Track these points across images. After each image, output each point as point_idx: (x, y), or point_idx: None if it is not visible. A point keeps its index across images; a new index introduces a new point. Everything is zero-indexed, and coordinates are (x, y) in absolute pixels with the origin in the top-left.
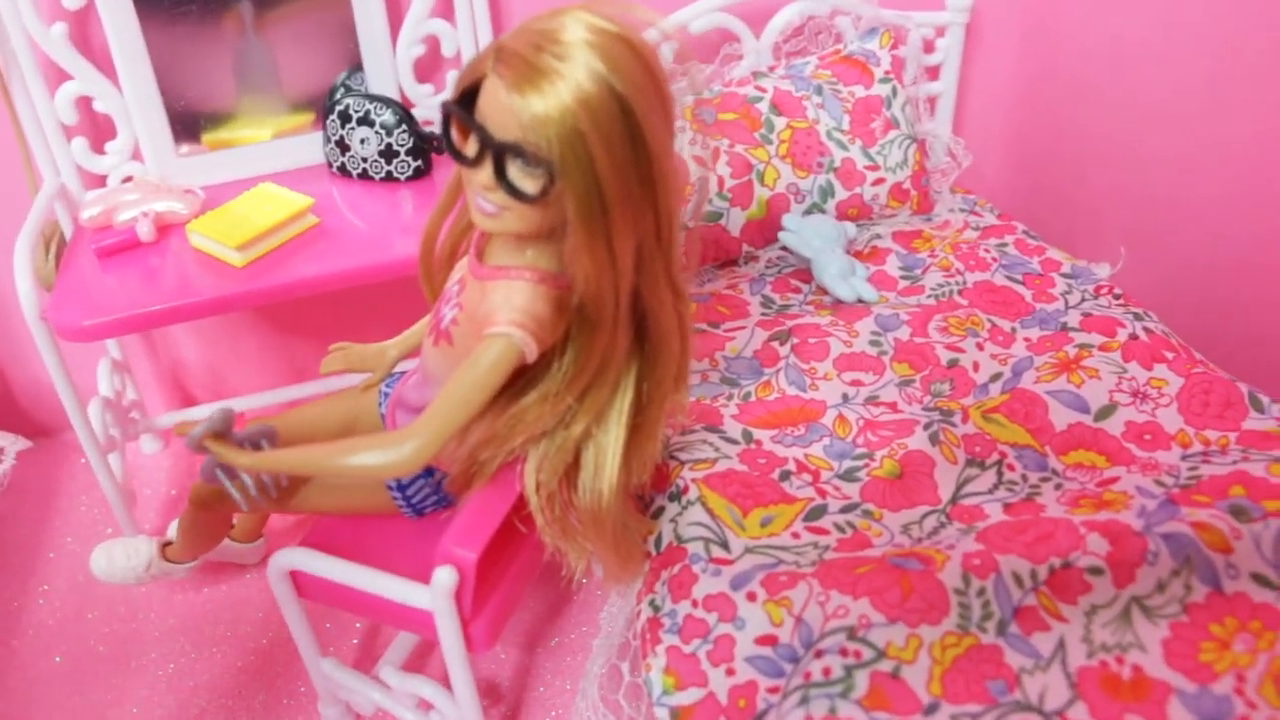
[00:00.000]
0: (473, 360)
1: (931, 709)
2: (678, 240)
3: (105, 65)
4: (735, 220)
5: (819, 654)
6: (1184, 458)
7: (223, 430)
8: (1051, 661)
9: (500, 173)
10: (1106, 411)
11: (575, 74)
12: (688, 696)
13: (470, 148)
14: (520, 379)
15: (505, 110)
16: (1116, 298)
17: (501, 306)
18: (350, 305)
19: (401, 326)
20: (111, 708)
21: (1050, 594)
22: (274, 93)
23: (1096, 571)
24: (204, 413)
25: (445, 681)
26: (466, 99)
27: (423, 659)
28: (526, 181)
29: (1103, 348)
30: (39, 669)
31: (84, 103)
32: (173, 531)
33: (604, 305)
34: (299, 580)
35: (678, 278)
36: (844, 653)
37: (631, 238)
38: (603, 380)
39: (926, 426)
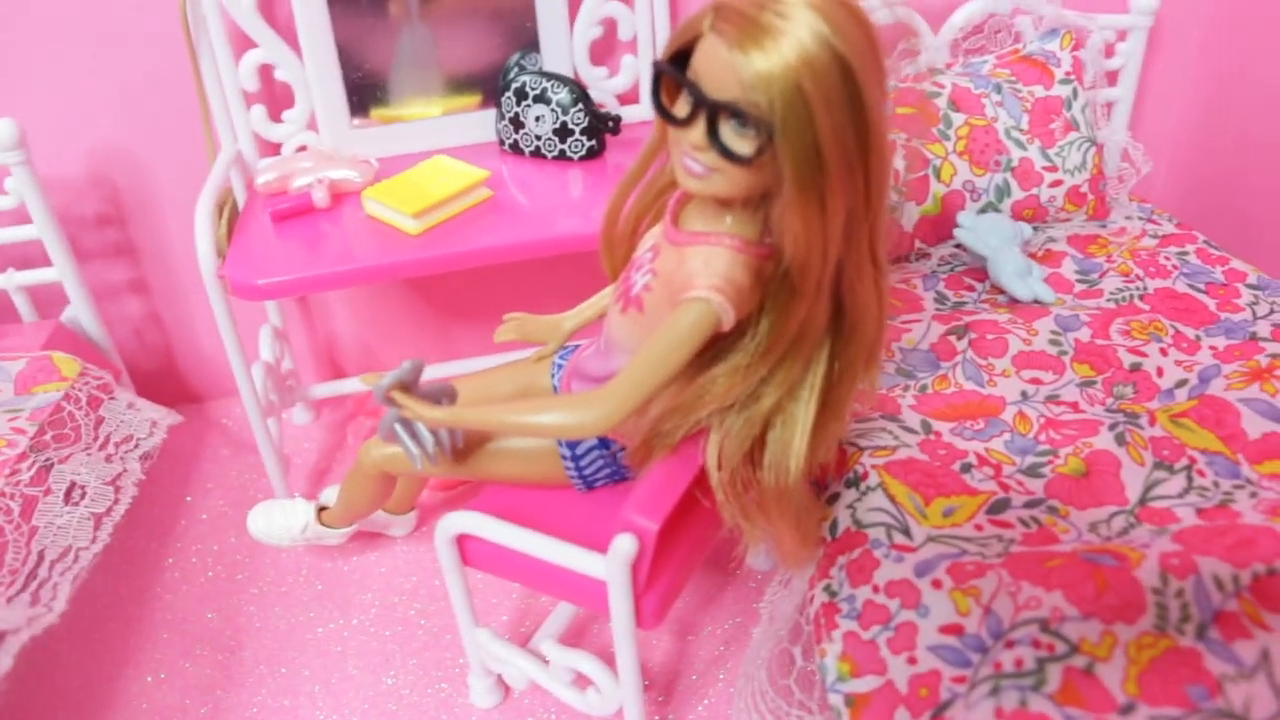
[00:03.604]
0: (669, 325)
1: (1128, 709)
2: (885, 211)
3: (288, 36)
4: (909, 215)
5: (1010, 644)
6: None
7: (410, 383)
8: (1256, 671)
9: (714, 133)
10: None
11: (798, 32)
12: (864, 684)
13: (681, 107)
14: (709, 350)
15: (725, 68)
16: None
17: (700, 271)
18: (504, 284)
19: (555, 306)
20: (262, 665)
21: (1254, 601)
22: (439, 73)
23: None
24: (352, 385)
25: (604, 658)
26: (677, 60)
27: (575, 638)
28: (739, 142)
29: None
30: (192, 624)
31: (265, 71)
32: (327, 497)
33: (810, 271)
34: (464, 546)
35: (880, 251)
36: (1036, 644)
37: (844, 202)
38: (797, 353)
39: (1112, 427)
